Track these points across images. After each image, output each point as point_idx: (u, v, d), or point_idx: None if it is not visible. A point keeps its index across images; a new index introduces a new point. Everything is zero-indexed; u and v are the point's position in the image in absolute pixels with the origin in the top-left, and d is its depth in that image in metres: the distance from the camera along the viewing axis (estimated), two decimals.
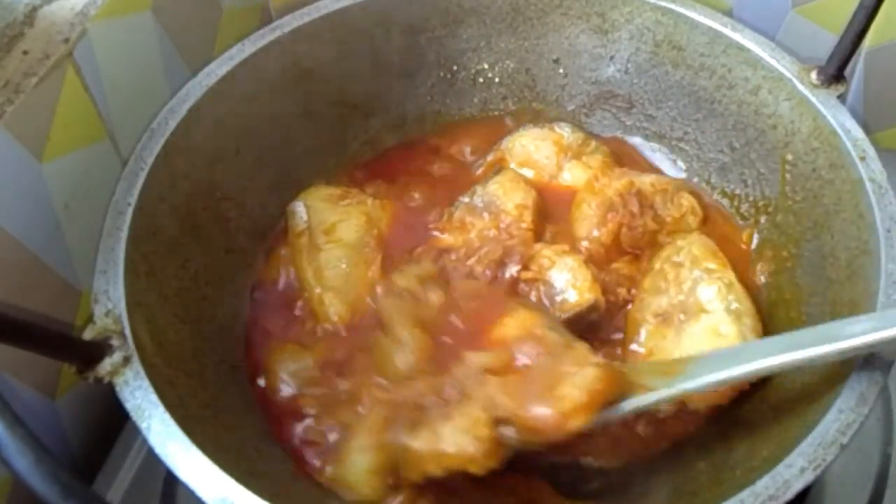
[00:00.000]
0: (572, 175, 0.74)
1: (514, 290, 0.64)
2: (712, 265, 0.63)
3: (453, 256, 0.67)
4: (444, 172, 0.77)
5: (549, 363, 0.53)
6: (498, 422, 0.51)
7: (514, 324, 0.57)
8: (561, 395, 0.50)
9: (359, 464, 0.54)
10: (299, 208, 0.70)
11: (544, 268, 0.64)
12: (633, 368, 0.56)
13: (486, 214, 0.68)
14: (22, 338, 0.41)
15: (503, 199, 0.69)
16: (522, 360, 0.54)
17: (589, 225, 0.68)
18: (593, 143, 0.76)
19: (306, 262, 0.67)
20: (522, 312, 0.58)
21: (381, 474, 0.54)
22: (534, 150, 0.75)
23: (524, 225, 0.67)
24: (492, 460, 0.50)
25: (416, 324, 0.60)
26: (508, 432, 0.51)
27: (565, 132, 0.76)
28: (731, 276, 0.63)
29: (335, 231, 0.68)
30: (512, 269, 0.65)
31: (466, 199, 0.70)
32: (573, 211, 0.71)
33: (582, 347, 0.54)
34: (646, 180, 0.70)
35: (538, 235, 0.68)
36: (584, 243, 0.68)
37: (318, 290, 0.65)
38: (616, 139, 0.80)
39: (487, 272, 0.65)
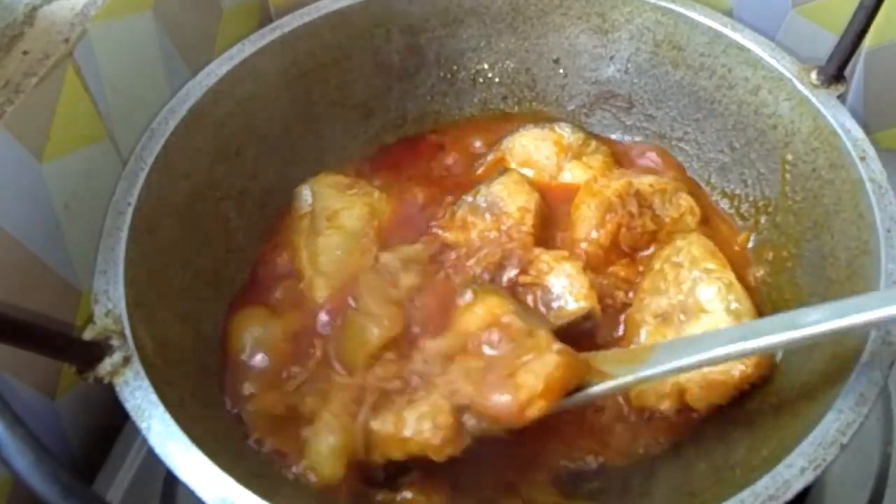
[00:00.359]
0: (573, 175, 0.74)
1: (512, 292, 0.64)
2: (711, 265, 0.63)
3: (453, 255, 0.67)
4: (445, 172, 0.77)
5: (510, 350, 0.54)
6: (459, 409, 0.52)
7: (482, 309, 0.57)
8: (519, 382, 0.51)
9: (322, 444, 0.54)
10: (305, 191, 0.70)
11: (542, 272, 0.64)
12: (595, 356, 0.56)
13: (487, 215, 0.68)
14: (22, 338, 0.41)
15: (506, 201, 0.69)
16: (487, 346, 0.55)
17: (588, 226, 0.68)
18: (594, 144, 0.76)
19: (303, 244, 0.67)
20: (490, 298, 0.58)
21: (343, 456, 0.54)
22: (534, 150, 0.75)
23: (525, 228, 0.67)
24: (451, 448, 0.51)
25: (387, 300, 0.60)
26: (469, 420, 0.52)
27: (565, 132, 0.76)
28: (730, 276, 0.63)
29: (337, 218, 0.68)
30: (510, 273, 0.65)
31: (470, 199, 0.70)
32: (572, 212, 0.71)
33: (544, 334, 0.54)
34: (644, 181, 0.70)
35: (539, 239, 0.68)
36: (583, 245, 0.68)
37: (309, 273, 0.65)
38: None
39: (486, 274, 0.65)
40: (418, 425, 0.51)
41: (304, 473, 0.55)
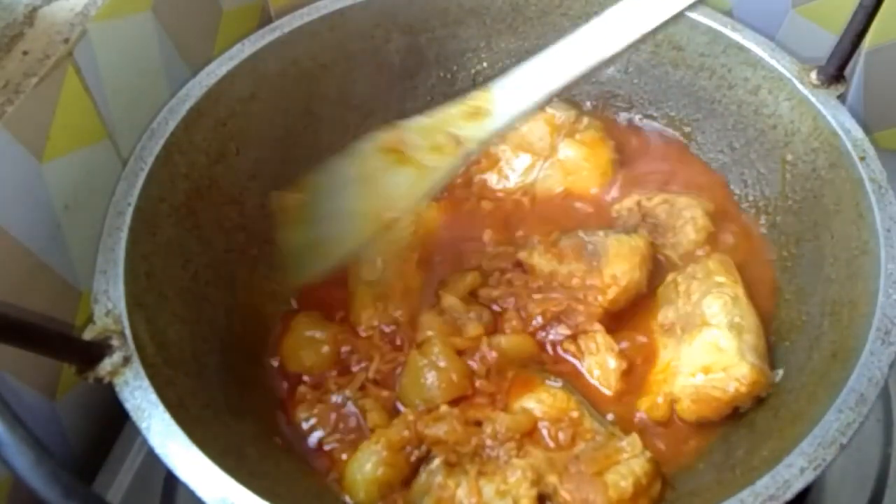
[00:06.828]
0: (567, 153, 0.74)
1: (546, 348, 0.64)
2: (721, 279, 0.63)
3: (526, 280, 0.65)
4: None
5: (590, 447, 0.56)
6: (542, 496, 0.54)
7: (549, 399, 0.59)
8: (609, 483, 0.53)
9: (366, 470, 0.55)
10: None
11: (585, 352, 0.63)
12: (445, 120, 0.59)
13: (589, 260, 0.64)
14: (22, 338, 0.41)
15: (608, 258, 0.64)
16: (559, 436, 0.57)
17: None
18: (585, 120, 0.76)
19: None
20: (548, 394, 0.59)
21: (383, 487, 0.55)
22: (527, 132, 0.74)
23: (600, 299, 0.63)
24: None
25: (454, 349, 0.61)
26: None
27: (557, 111, 0.75)
28: (739, 290, 0.62)
29: None
30: (560, 330, 0.63)
31: (582, 235, 0.66)
32: None
33: (634, 440, 0.55)
34: (656, 199, 0.70)
35: (611, 317, 0.64)
36: None
37: (352, 281, 0.66)
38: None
39: (539, 318, 0.63)
40: (500, 500, 0.53)
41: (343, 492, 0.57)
